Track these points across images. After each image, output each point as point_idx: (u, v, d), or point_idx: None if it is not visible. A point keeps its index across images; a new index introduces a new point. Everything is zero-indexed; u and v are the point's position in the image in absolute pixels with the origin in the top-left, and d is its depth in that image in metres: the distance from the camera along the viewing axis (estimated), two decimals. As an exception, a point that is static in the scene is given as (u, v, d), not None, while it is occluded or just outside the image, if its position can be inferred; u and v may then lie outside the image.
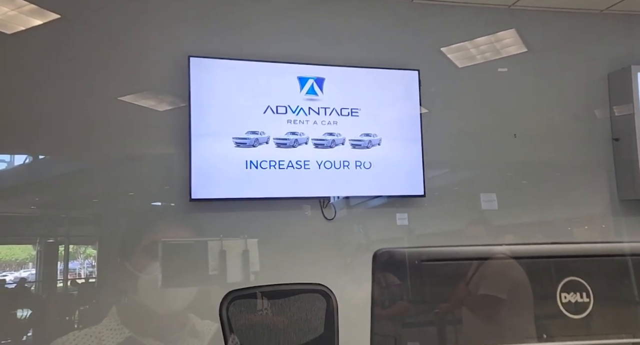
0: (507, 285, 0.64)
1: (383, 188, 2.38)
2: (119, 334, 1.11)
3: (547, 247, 0.66)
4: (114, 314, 1.15)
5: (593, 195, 2.71)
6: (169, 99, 2.27)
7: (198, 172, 2.13)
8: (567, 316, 0.61)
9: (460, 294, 0.63)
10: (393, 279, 0.65)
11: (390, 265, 0.65)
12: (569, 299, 0.61)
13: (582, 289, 0.62)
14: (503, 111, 2.64)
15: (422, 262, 0.63)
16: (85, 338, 1.10)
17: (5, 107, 2.07)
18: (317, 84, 2.34)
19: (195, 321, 1.21)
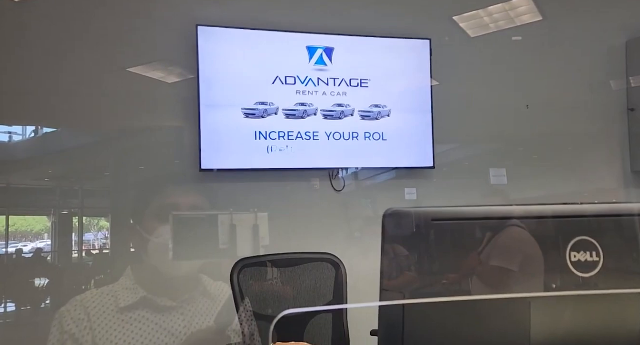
0: (519, 258, 0.64)
1: (392, 160, 2.37)
2: (134, 293, 1.14)
3: (558, 207, 0.65)
4: (129, 275, 1.18)
5: (605, 168, 2.68)
6: (178, 70, 2.26)
7: (208, 143, 2.14)
8: (576, 275, 0.61)
9: (472, 263, 0.64)
10: (401, 250, 0.65)
11: (401, 225, 0.65)
12: (578, 258, 0.61)
13: (592, 248, 0.62)
14: (516, 82, 2.59)
15: (433, 222, 0.63)
16: (103, 296, 1.13)
17: (15, 79, 2.08)
18: (326, 54, 2.30)
19: (207, 282, 1.24)
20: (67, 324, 1.08)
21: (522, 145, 2.61)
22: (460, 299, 0.57)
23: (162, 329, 1.14)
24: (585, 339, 0.62)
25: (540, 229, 0.64)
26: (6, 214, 2.27)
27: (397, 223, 0.65)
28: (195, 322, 1.18)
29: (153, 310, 1.14)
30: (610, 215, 0.65)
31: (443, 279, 0.63)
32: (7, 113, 2.14)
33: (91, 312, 1.09)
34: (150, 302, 1.14)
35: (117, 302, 1.13)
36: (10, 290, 2.20)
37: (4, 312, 2.19)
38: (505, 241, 0.63)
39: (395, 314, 0.58)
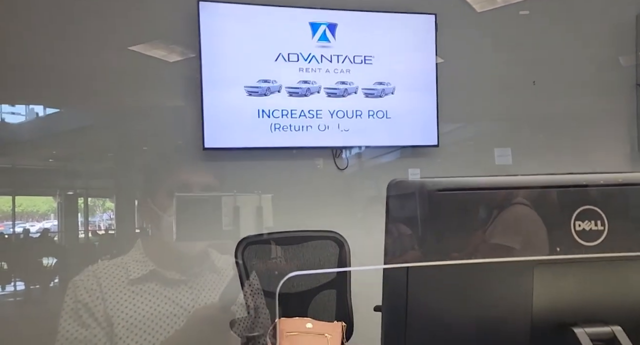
0: (521, 236, 0.63)
1: (396, 138, 2.36)
2: (144, 266, 1.17)
3: (563, 177, 0.65)
4: (139, 247, 1.21)
5: (612, 146, 2.65)
6: (180, 48, 2.23)
7: (210, 122, 2.13)
8: (581, 243, 0.61)
9: (477, 241, 0.63)
10: (405, 229, 0.65)
11: (405, 196, 0.64)
12: (583, 227, 0.61)
13: (597, 217, 0.61)
14: (522, 58, 2.55)
15: (438, 192, 0.62)
16: (114, 268, 1.16)
17: (17, 58, 2.07)
18: (329, 30, 2.27)
19: (215, 257, 1.27)
20: (80, 294, 1.11)
21: (528, 124, 2.59)
22: (463, 262, 0.57)
23: (171, 301, 1.16)
24: (588, 306, 0.62)
25: (545, 198, 0.64)
26: (12, 194, 2.29)
27: (401, 193, 0.65)
28: (202, 296, 1.20)
29: (162, 282, 1.17)
30: (616, 185, 0.65)
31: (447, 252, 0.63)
32: (9, 92, 2.14)
33: (103, 283, 1.12)
34: (159, 275, 1.17)
35: (127, 273, 1.15)
36: (19, 269, 2.23)
37: (14, 290, 2.23)
38: (508, 219, 0.62)
39: (399, 278, 0.58)
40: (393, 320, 0.59)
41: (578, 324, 0.61)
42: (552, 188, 0.64)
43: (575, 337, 0.59)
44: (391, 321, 0.60)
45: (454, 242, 0.63)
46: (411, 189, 0.64)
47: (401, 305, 0.57)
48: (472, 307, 0.60)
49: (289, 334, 1.59)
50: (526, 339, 0.60)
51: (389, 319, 0.60)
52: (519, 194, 0.64)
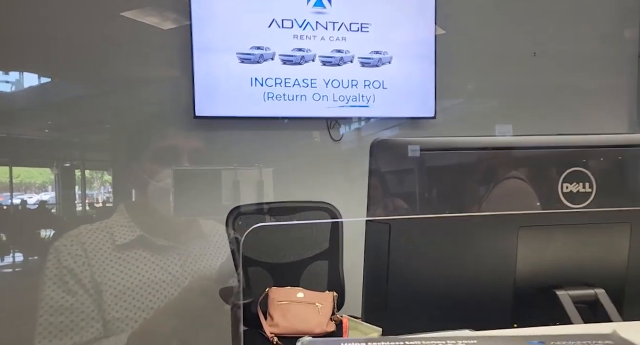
0: (513, 208, 0.62)
1: (392, 109, 2.32)
2: (130, 231, 1.15)
3: (552, 138, 0.62)
4: (123, 211, 1.18)
5: (614, 121, 2.62)
6: (173, 16, 2.17)
7: (201, 90, 2.09)
8: (567, 205, 0.59)
9: (461, 200, 0.62)
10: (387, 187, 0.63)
11: (388, 155, 0.62)
12: (570, 189, 0.59)
13: (585, 179, 0.60)
14: (524, 30, 2.48)
15: (422, 152, 0.60)
16: (97, 232, 1.13)
17: (8, 26, 2.01)
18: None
19: (202, 223, 1.25)
20: (64, 259, 1.07)
21: (528, 100, 2.55)
22: (447, 216, 0.55)
23: (159, 267, 1.15)
24: (571, 269, 0.61)
25: (533, 159, 0.62)
26: (9, 164, 2.26)
27: (384, 153, 0.63)
28: (190, 261, 1.19)
29: (150, 249, 1.15)
30: (605, 146, 0.63)
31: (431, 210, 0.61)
32: (2, 60, 2.09)
33: (88, 248, 1.10)
34: (146, 241, 1.15)
35: (113, 239, 1.13)
36: (18, 240, 2.23)
37: (12, 261, 2.23)
38: (500, 192, 0.61)
39: (381, 233, 0.57)
40: (374, 279, 0.58)
41: (561, 287, 0.60)
42: (540, 149, 0.62)
43: (558, 299, 0.58)
44: (372, 281, 0.59)
45: (438, 200, 0.61)
46: (394, 148, 0.62)
47: (383, 262, 0.56)
48: (454, 267, 0.59)
49: (280, 302, 1.60)
50: (508, 300, 0.59)
51: (370, 277, 0.59)
52: (511, 166, 0.62)
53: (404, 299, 0.60)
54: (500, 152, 0.63)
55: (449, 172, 0.63)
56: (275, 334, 1.45)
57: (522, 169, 0.62)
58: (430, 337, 0.47)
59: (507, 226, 0.59)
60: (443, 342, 0.47)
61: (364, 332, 0.55)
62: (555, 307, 0.59)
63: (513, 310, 0.60)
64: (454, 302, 0.60)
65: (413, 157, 0.61)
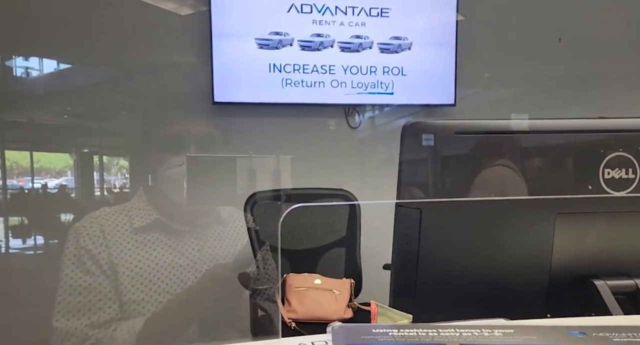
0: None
1: (411, 96, 2.28)
2: (148, 214, 1.15)
3: (593, 121, 0.60)
4: (142, 195, 1.19)
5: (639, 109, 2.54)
6: (191, 1, 2.16)
7: (220, 75, 2.08)
8: (609, 192, 0.56)
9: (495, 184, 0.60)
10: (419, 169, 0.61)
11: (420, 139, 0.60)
12: (612, 175, 0.56)
13: (628, 165, 0.57)
14: (548, 16, 2.41)
15: (456, 135, 0.58)
16: (116, 215, 1.14)
17: (28, 11, 2.02)
18: None
19: (220, 208, 1.25)
20: (82, 240, 1.09)
21: (548, 89, 2.48)
22: (481, 199, 0.53)
23: (176, 251, 1.15)
24: (610, 258, 0.59)
25: (573, 143, 0.59)
26: (30, 149, 2.29)
27: (416, 136, 0.61)
28: (208, 246, 1.19)
29: (166, 232, 1.15)
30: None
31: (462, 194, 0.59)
32: (22, 45, 2.10)
33: (106, 230, 1.11)
34: (163, 225, 1.15)
35: (130, 221, 1.14)
36: (39, 224, 2.27)
37: (34, 244, 2.27)
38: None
39: (411, 217, 0.55)
40: (404, 265, 0.57)
41: (599, 276, 0.57)
42: (581, 133, 0.59)
43: (596, 289, 0.56)
44: (401, 266, 0.58)
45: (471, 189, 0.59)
46: (427, 130, 0.60)
47: (413, 247, 0.54)
48: (487, 253, 0.57)
49: (297, 289, 1.60)
50: (543, 289, 0.57)
51: (399, 263, 0.57)
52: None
53: (434, 286, 0.58)
54: (538, 136, 0.60)
55: (482, 157, 0.60)
56: (292, 320, 1.44)
57: (562, 154, 0.59)
58: (466, 325, 0.46)
59: (544, 212, 0.57)
60: (478, 330, 0.45)
61: (394, 318, 0.53)
62: (593, 298, 0.57)
63: (548, 300, 0.58)
64: (485, 290, 0.58)
65: (445, 141, 0.59)
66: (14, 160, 2.29)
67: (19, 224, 2.27)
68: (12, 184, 2.24)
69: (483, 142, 0.60)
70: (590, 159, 0.58)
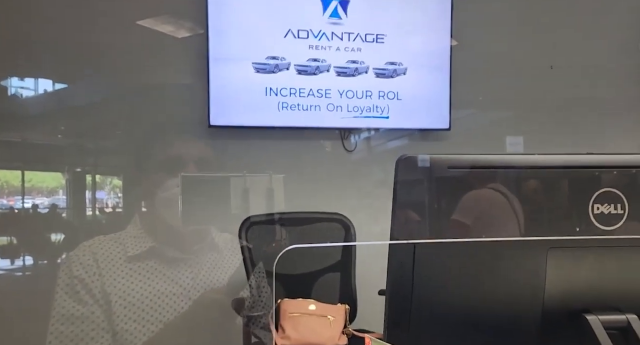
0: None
1: (406, 120, 2.31)
2: (142, 242, 1.15)
3: (583, 157, 0.61)
4: (137, 222, 1.18)
5: (631, 135, 2.58)
6: (188, 24, 2.19)
7: (216, 99, 2.10)
8: (598, 227, 0.57)
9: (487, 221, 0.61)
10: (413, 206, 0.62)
11: (414, 171, 0.61)
12: (601, 210, 0.57)
13: (617, 201, 0.58)
14: (540, 42, 2.47)
15: (449, 169, 0.59)
16: (110, 243, 1.14)
17: (25, 32, 2.04)
18: (341, 6, 2.20)
19: (215, 234, 1.24)
20: (76, 269, 1.08)
21: (542, 112, 2.52)
22: (473, 240, 0.54)
23: (170, 279, 1.14)
24: (602, 293, 0.59)
25: (563, 179, 0.60)
26: (22, 169, 2.28)
27: (410, 170, 0.62)
28: (202, 274, 1.18)
29: (161, 260, 1.14)
30: (638, 167, 0.61)
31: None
32: (18, 65, 2.12)
33: (99, 259, 1.10)
34: (158, 253, 1.15)
35: (125, 250, 1.13)
36: (28, 244, 2.25)
37: (22, 265, 2.24)
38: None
39: (405, 255, 0.55)
40: (397, 299, 0.57)
41: (591, 311, 0.58)
42: (571, 168, 0.60)
43: (588, 325, 0.56)
44: (395, 301, 0.58)
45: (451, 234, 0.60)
46: (420, 165, 0.61)
47: (407, 285, 0.55)
48: (480, 289, 0.57)
49: (291, 314, 1.58)
50: (536, 325, 0.57)
51: (393, 298, 0.57)
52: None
53: (428, 320, 0.58)
54: (529, 171, 0.61)
55: (472, 184, 0.61)
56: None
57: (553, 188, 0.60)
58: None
59: (536, 247, 0.57)
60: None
61: (388, 354, 0.53)
62: (585, 333, 0.57)
63: (541, 335, 0.58)
64: (479, 325, 0.59)
65: (439, 175, 0.60)
66: (5, 180, 2.28)
67: (8, 244, 2.25)
68: (2, 204, 2.22)
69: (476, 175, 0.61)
70: (580, 194, 0.59)
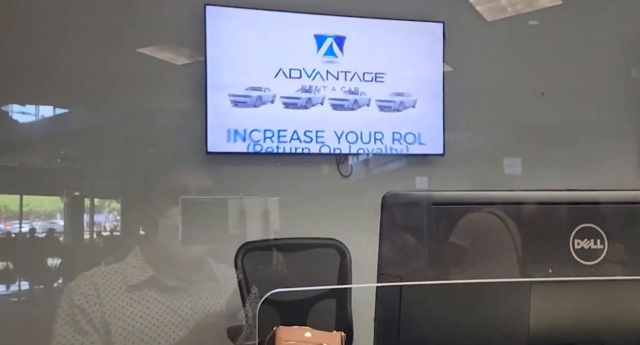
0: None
1: (401, 146, 2.34)
2: (143, 272, 1.16)
3: (563, 194, 0.63)
4: (138, 253, 1.20)
5: (622, 159, 2.61)
6: (188, 52, 2.24)
7: (214, 125, 2.13)
8: (579, 262, 0.59)
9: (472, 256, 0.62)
10: (399, 243, 0.64)
11: (401, 209, 0.63)
12: (582, 246, 0.59)
13: (596, 236, 0.60)
14: (532, 68, 2.53)
15: (433, 206, 0.61)
16: (111, 273, 1.15)
17: (25, 59, 2.09)
18: (336, 43, 2.22)
19: (213, 265, 1.26)
20: (77, 299, 1.10)
21: (537, 134, 2.56)
22: (457, 282, 0.56)
23: (169, 309, 1.15)
24: (586, 327, 0.60)
25: (544, 215, 0.62)
26: (20, 193, 2.30)
27: (396, 206, 0.64)
28: (200, 304, 1.19)
29: (161, 289, 1.16)
30: (616, 203, 0.63)
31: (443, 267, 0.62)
32: (20, 92, 2.16)
33: (100, 288, 1.11)
34: (158, 282, 1.16)
35: (125, 279, 1.14)
36: (24, 269, 2.24)
37: (18, 290, 2.23)
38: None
39: (392, 296, 0.57)
40: (385, 338, 0.58)
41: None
42: (552, 205, 0.62)
43: (573, 360, 0.57)
44: (383, 333, 0.59)
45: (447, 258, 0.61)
46: (406, 201, 0.63)
47: (394, 323, 0.56)
48: (466, 327, 0.58)
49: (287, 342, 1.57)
50: (521, 360, 0.58)
51: (381, 337, 0.58)
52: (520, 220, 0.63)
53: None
54: (511, 207, 0.63)
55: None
56: (281, 376, 1.42)
57: (533, 224, 0.62)
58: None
59: (520, 284, 0.59)
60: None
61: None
62: (570, 367, 0.58)
63: (527, 370, 0.59)
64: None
65: (425, 212, 0.62)
66: (3, 204, 2.29)
67: (4, 269, 2.24)
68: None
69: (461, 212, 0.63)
70: (560, 230, 0.61)
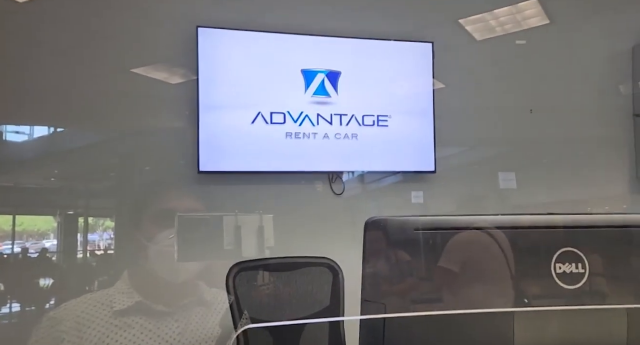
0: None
1: (392, 163, 2.35)
2: (129, 297, 1.14)
3: (544, 218, 0.63)
4: (125, 278, 1.18)
5: (612, 173, 2.63)
6: (181, 71, 2.26)
7: (206, 145, 2.13)
8: (561, 286, 0.59)
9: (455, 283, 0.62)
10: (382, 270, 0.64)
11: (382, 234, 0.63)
12: (563, 270, 0.59)
13: (577, 260, 0.60)
14: (520, 86, 2.56)
15: (415, 231, 0.61)
16: (96, 300, 1.13)
17: (20, 79, 2.10)
18: (329, 79, 2.16)
19: (203, 289, 1.24)
20: (54, 331, 1.07)
21: (526, 150, 2.58)
22: (441, 313, 0.55)
23: (156, 335, 1.13)
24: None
25: (526, 239, 0.63)
26: (13, 213, 2.28)
27: (378, 232, 0.64)
28: (189, 329, 1.17)
29: (147, 315, 1.13)
30: (597, 227, 0.63)
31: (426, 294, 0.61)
32: (15, 112, 2.16)
33: (81, 321, 1.09)
34: (144, 307, 1.14)
35: (111, 305, 1.12)
36: (16, 290, 2.21)
37: (8, 312, 2.20)
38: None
39: (376, 323, 0.57)
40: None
41: (560, 372, 0.58)
42: (533, 229, 0.63)
43: (556, 386, 0.57)
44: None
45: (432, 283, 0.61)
46: (388, 227, 0.63)
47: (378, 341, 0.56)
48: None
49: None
50: (505, 388, 0.57)
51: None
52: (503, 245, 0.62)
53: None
54: (493, 231, 0.63)
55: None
56: (273, 400, 1.39)
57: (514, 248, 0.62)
58: None
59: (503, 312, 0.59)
60: None
61: None
62: (555, 394, 0.57)
63: (512, 397, 0.59)
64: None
65: (408, 237, 0.62)
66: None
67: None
68: (-10, 249, 2.21)
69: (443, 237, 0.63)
70: (542, 254, 0.61)
